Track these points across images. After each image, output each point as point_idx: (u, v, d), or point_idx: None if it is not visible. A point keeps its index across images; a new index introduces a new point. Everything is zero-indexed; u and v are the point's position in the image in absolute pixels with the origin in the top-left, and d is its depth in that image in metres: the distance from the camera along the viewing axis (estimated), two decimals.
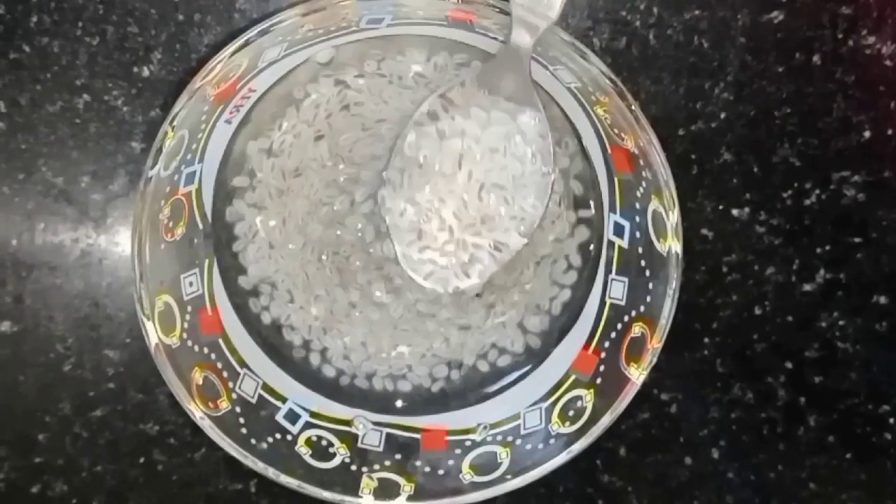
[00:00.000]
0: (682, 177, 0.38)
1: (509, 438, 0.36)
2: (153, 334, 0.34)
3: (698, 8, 0.38)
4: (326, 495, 0.35)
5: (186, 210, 0.35)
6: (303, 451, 0.36)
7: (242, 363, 0.36)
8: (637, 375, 0.34)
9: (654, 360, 0.34)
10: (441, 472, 0.36)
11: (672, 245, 0.34)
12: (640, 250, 0.35)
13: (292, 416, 0.36)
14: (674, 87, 0.38)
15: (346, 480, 0.35)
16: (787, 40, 0.38)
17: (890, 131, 0.39)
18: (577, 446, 0.35)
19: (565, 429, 0.35)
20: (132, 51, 0.38)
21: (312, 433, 0.36)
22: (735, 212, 0.39)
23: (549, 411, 0.36)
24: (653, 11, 0.38)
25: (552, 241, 0.38)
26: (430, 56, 0.37)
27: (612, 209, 0.37)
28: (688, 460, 0.41)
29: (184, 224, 0.35)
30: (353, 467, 0.36)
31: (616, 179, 0.36)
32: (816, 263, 0.40)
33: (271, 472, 0.35)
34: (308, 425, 0.36)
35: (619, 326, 0.36)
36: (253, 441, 0.35)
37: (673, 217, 0.34)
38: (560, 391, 0.36)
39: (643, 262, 0.35)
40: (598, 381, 0.35)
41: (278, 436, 0.36)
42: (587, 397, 0.35)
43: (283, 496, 0.35)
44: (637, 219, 0.35)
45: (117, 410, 0.40)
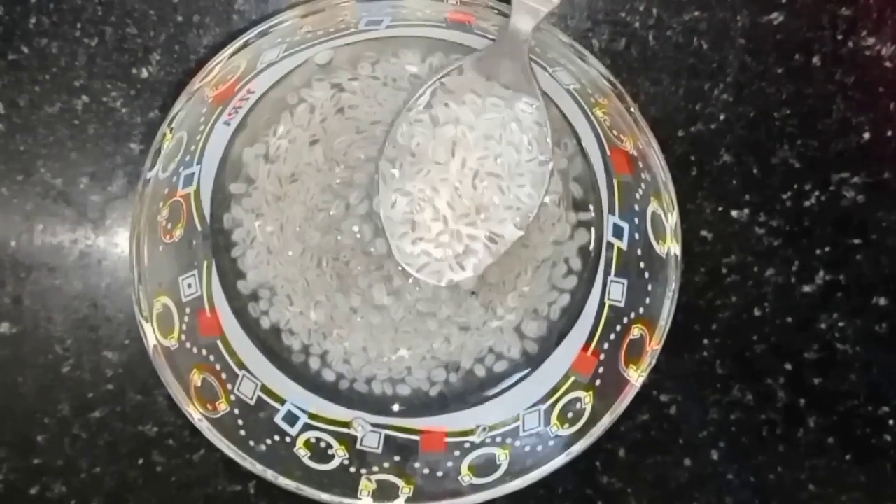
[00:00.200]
0: (682, 178, 0.38)
1: (508, 440, 0.36)
2: (151, 336, 0.34)
3: (698, 9, 0.38)
4: (325, 497, 0.35)
5: (185, 212, 0.35)
6: (301, 452, 0.36)
7: (241, 365, 0.36)
8: (636, 377, 0.34)
9: (654, 361, 0.34)
10: (440, 473, 0.36)
11: (671, 247, 0.34)
12: (640, 252, 0.35)
13: (291, 418, 0.36)
14: (673, 89, 0.38)
15: (344, 482, 0.35)
16: (787, 41, 0.38)
17: (889, 132, 0.39)
18: (577, 448, 0.35)
19: (564, 430, 0.35)
20: (131, 52, 0.38)
21: (311, 435, 0.36)
22: (734, 213, 0.39)
23: (548, 413, 0.36)
24: (652, 13, 0.38)
25: (552, 243, 0.38)
26: (426, 57, 0.37)
27: (612, 211, 0.37)
28: (687, 462, 0.41)
29: (182, 226, 0.35)
30: (352, 469, 0.36)
31: (615, 181, 0.36)
32: (816, 265, 0.39)
33: (270, 474, 0.35)
34: (307, 427, 0.36)
35: (619, 328, 0.36)
36: (251, 443, 0.35)
37: (672, 219, 0.34)
38: (559, 393, 0.36)
39: (642, 264, 0.35)
40: (598, 382, 0.35)
41: (277, 437, 0.36)
42: (586, 399, 0.35)
43: (282, 498, 0.35)
44: (636, 220, 0.35)
45: (116, 412, 0.40)
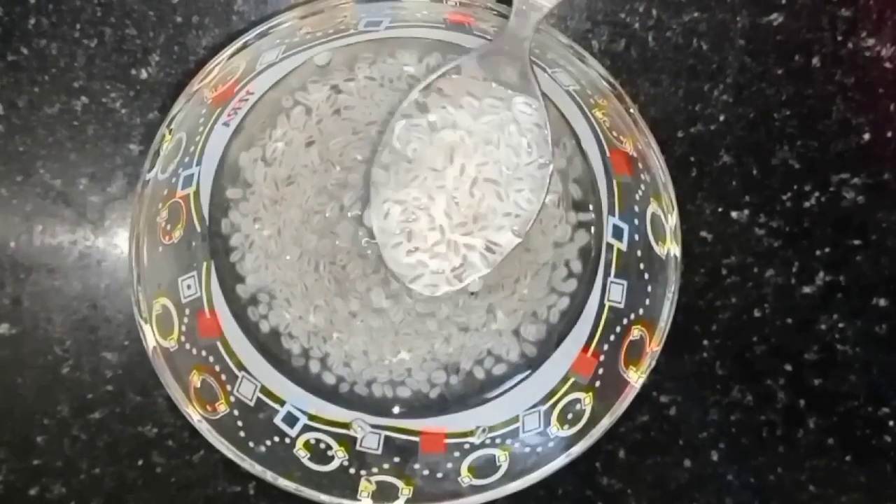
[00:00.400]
0: (682, 179, 0.38)
1: (508, 441, 0.36)
2: (151, 337, 0.34)
3: (697, 10, 0.38)
4: (325, 498, 0.35)
5: (184, 213, 0.35)
6: (301, 454, 0.36)
7: (240, 366, 0.36)
8: (636, 378, 0.34)
9: (654, 362, 0.34)
10: (440, 474, 0.36)
11: (671, 248, 0.34)
12: (639, 253, 0.35)
13: (290, 419, 0.36)
14: (673, 90, 0.38)
15: (344, 483, 0.35)
16: (787, 42, 0.38)
17: (889, 133, 0.39)
18: (577, 449, 0.35)
19: (564, 431, 0.35)
20: (130, 53, 0.38)
21: (311, 436, 0.36)
22: (734, 214, 0.39)
23: (548, 414, 0.36)
24: (652, 13, 0.38)
25: (553, 245, 0.38)
26: (423, 57, 0.37)
27: (611, 212, 0.37)
28: (687, 463, 0.41)
29: (182, 227, 0.35)
30: (352, 470, 0.36)
31: (615, 182, 0.36)
32: (816, 266, 0.39)
33: (269, 476, 0.35)
34: (306, 428, 0.36)
35: (618, 329, 0.36)
36: (251, 444, 0.35)
37: (672, 220, 0.34)
38: (559, 394, 0.36)
39: (642, 265, 0.35)
40: (597, 383, 0.35)
41: (276, 439, 0.36)
42: (586, 400, 0.35)
43: (282, 499, 0.35)
44: (636, 221, 0.35)
45: (116, 413, 0.40)
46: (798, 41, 0.38)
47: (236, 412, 0.35)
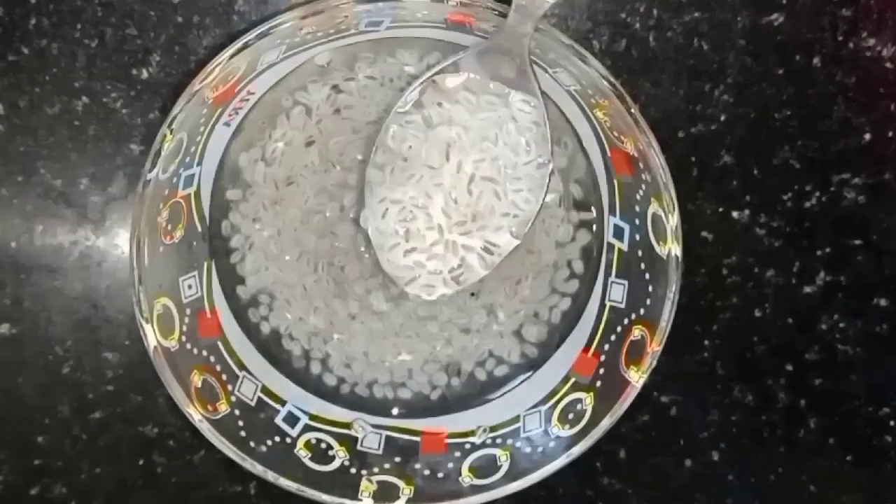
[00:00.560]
0: (682, 179, 0.38)
1: (509, 441, 0.36)
2: (152, 337, 0.34)
3: (698, 10, 0.38)
4: (326, 498, 0.35)
5: (185, 213, 0.35)
6: (302, 453, 0.36)
7: (241, 366, 0.36)
8: (637, 378, 0.34)
9: (654, 362, 0.34)
10: (440, 474, 0.36)
11: (672, 248, 0.34)
12: (640, 253, 0.35)
13: (291, 419, 0.36)
14: (674, 90, 0.38)
15: (345, 483, 0.35)
16: (788, 42, 0.38)
17: (890, 133, 0.39)
18: (577, 449, 0.35)
19: (565, 431, 0.35)
20: (131, 53, 0.38)
21: (312, 436, 0.36)
22: (735, 214, 0.39)
23: (548, 414, 0.36)
24: (652, 14, 0.38)
25: (555, 245, 0.38)
26: (423, 56, 0.37)
27: (612, 212, 0.37)
28: (688, 463, 0.41)
29: (182, 227, 0.35)
30: (353, 470, 0.36)
31: (616, 182, 0.36)
32: (817, 266, 0.39)
33: (270, 475, 0.35)
34: (307, 428, 0.36)
35: (619, 329, 0.36)
36: (252, 444, 0.35)
37: (673, 220, 0.34)
38: (560, 394, 0.36)
39: (643, 265, 0.35)
40: (598, 383, 0.35)
41: (277, 439, 0.36)
42: (587, 400, 0.35)
43: (283, 499, 0.35)
44: (637, 221, 0.35)
45: (116, 413, 0.40)
46: (799, 41, 0.38)
47: (237, 412, 0.35)
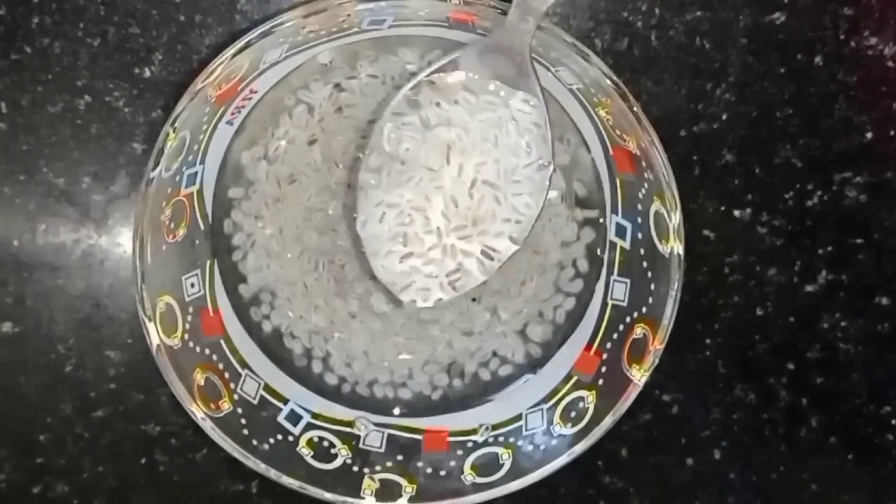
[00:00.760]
0: (684, 178, 0.38)
1: (511, 439, 0.36)
2: (154, 335, 0.34)
3: (700, 9, 0.38)
4: (328, 496, 0.35)
5: (188, 211, 0.35)
6: (304, 452, 0.36)
7: (244, 364, 0.36)
8: (639, 377, 0.34)
9: (656, 361, 0.34)
10: (442, 473, 0.36)
11: (674, 246, 0.34)
12: (642, 251, 0.35)
13: (294, 417, 0.36)
14: (675, 88, 0.38)
15: (347, 481, 0.35)
16: (789, 41, 0.38)
17: (892, 132, 0.39)
18: (579, 447, 0.35)
19: (567, 430, 0.35)
20: (133, 52, 0.38)
21: (314, 434, 0.36)
22: (737, 213, 0.39)
23: (550, 412, 0.36)
24: (654, 12, 0.38)
25: (561, 245, 0.38)
26: (424, 55, 0.36)
27: (615, 210, 0.37)
28: (689, 461, 0.41)
29: (185, 225, 0.35)
30: (355, 468, 0.36)
31: (618, 180, 0.36)
32: (818, 264, 0.40)
33: (273, 474, 0.35)
34: (309, 426, 0.36)
35: (621, 328, 0.36)
36: (254, 442, 0.35)
37: (675, 218, 0.34)
38: (562, 392, 0.36)
39: (645, 264, 0.35)
40: (600, 382, 0.35)
41: (280, 437, 0.36)
42: (589, 398, 0.35)
43: (285, 497, 0.35)
44: (639, 220, 0.35)
45: (119, 411, 0.40)
46: (800, 40, 0.38)
47: (240, 410, 0.35)
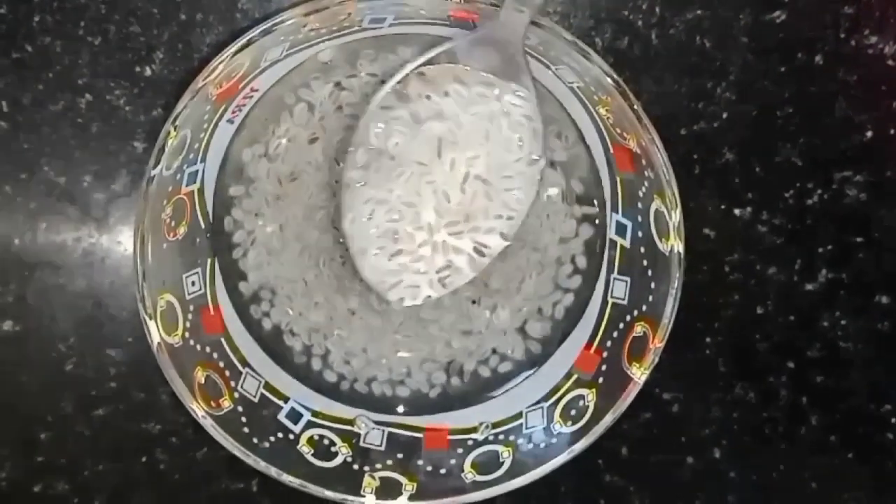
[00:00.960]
0: (685, 176, 0.38)
1: (511, 438, 0.36)
2: (155, 333, 0.34)
3: (700, 8, 0.38)
4: (329, 494, 0.35)
5: (188, 209, 0.35)
6: (305, 450, 0.36)
7: (244, 362, 0.36)
8: (639, 375, 0.34)
9: (656, 359, 0.34)
10: (443, 471, 0.36)
11: (674, 244, 0.34)
12: (643, 250, 0.35)
13: (294, 416, 0.36)
14: (676, 87, 0.38)
15: (348, 479, 0.35)
16: (790, 40, 0.38)
17: (892, 131, 0.39)
18: (579, 446, 0.35)
19: (567, 428, 0.35)
20: (134, 50, 0.38)
21: (314, 432, 0.36)
22: (737, 211, 0.39)
23: (551, 411, 0.36)
24: (655, 11, 0.38)
25: (559, 241, 0.38)
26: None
27: (615, 209, 0.37)
28: (689, 460, 0.41)
29: (186, 223, 0.35)
30: (355, 466, 0.36)
31: (618, 179, 0.36)
32: (818, 263, 0.40)
33: (273, 472, 0.35)
34: (310, 424, 0.36)
35: (621, 326, 0.36)
36: (255, 440, 0.35)
37: (675, 216, 0.34)
38: (562, 391, 0.36)
39: (645, 262, 0.35)
40: (600, 380, 0.35)
41: (280, 435, 0.36)
42: (589, 397, 0.35)
43: (286, 495, 0.35)
44: (639, 218, 0.35)
45: (119, 410, 0.40)
46: (801, 39, 0.38)
47: (240, 408, 0.35)
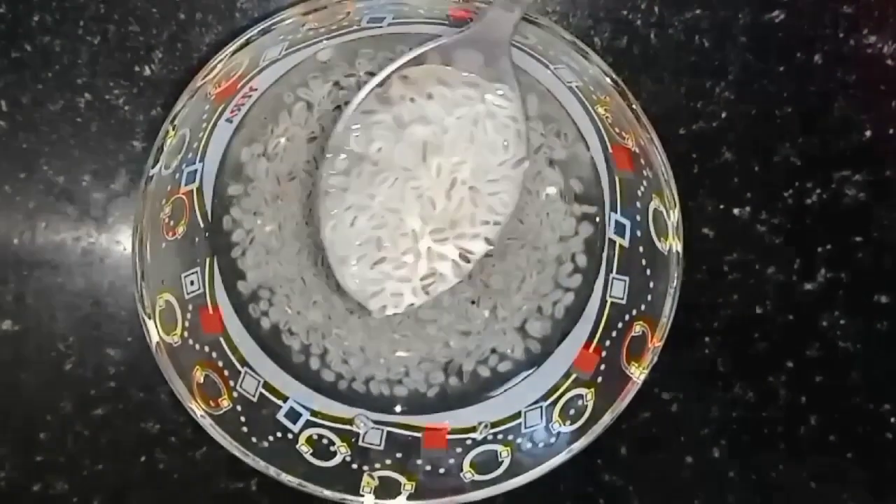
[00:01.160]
0: (683, 176, 0.38)
1: (510, 437, 0.36)
2: (154, 333, 0.34)
3: (699, 7, 0.38)
4: (328, 494, 0.35)
5: (187, 209, 0.35)
6: (304, 449, 0.36)
7: (243, 362, 0.36)
8: (638, 374, 0.34)
9: (655, 359, 0.34)
10: (442, 470, 0.36)
11: (673, 244, 0.34)
12: (641, 249, 0.35)
13: (293, 415, 0.36)
14: (675, 87, 0.38)
15: (347, 479, 0.35)
16: (789, 39, 0.38)
17: (891, 130, 0.39)
18: (578, 445, 0.35)
19: (566, 427, 0.35)
20: (133, 50, 0.38)
21: (313, 432, 0.36)
22: (736, 211, 0.39)
23: (549, 410, 0.36)
24: (654, 10, 0.38)
25: (559, 240, 0.38)
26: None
27: (613, 208, 0.37)
28: (689, 459, 0.41)
29: (185, 223, 0.35)
30: (354, 466, 0.36)
31: (617, 178, 0.36)
32: (817, 263, 0.40)
33: (272, 471, 0.35)
34: (309, 424, 0.36)
35: (620, 325, 0.36)
36: (254, 440, 0.35)
37: (674, 216, 0.34)
38: (561, 390, 0.36)
39: (644, 261, 0.35)
40: (599, 379, 0.35)
41: (279, 434, 0.36)
42: (588, 396, 0.35)
43: (285, 495, 0.35)
44: (638, 218, 0.35)
45: (118, 409, 0.40)
46: (800, 38, 0.38)
47: (239, 408, 0.35)
